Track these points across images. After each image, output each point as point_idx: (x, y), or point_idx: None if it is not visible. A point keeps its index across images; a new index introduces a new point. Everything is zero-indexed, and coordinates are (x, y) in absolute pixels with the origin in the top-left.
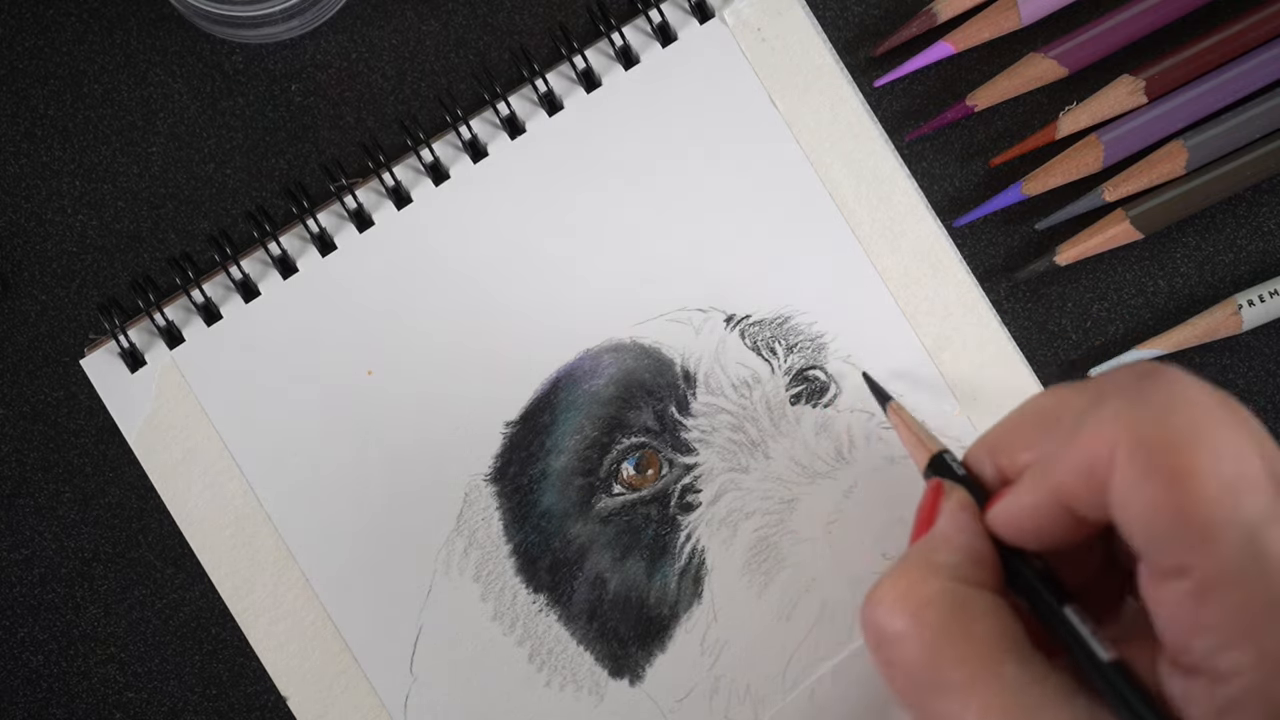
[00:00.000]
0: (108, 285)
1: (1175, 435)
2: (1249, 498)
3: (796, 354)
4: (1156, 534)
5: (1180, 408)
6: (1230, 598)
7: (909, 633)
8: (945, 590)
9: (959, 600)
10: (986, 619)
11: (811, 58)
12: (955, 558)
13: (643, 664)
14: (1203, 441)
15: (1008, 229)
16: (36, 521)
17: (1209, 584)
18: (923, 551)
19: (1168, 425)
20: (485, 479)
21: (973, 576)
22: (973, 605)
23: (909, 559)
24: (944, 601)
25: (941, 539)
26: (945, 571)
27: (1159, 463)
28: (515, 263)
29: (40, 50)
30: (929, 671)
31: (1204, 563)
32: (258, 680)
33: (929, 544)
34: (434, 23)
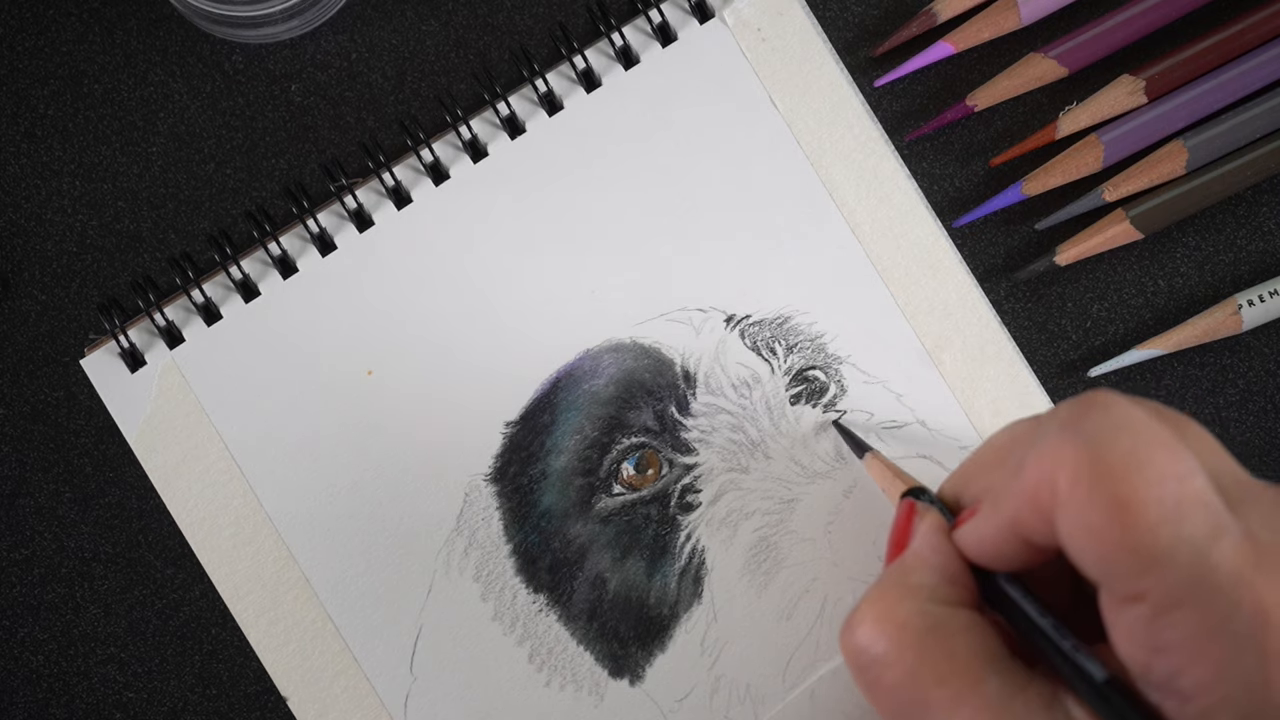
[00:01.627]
0: (108, 285)
1: (1112, 463)
2: (1192, 517)
3: (796, 354)
4: (1106, 563)
5: (1117, 435)
6: (1185, 619)
7: (889, 655)
8: (922, 611)
9: (936, 620)
10: (965, 636)
11: (811, 58)
12: (931, 578)
13: (643, 664)
14: (1141, 467)
15: (1008, 229)
16: (36, 521)
17: (1163, 607)
18: (898, 573)
19: (1104, 454)
20: (485, 479)
21: (949, 596)
22: (950, 624)
23: (884, 582)
24: (921, 622)
25: (916, 560)
26: (921, 592)
27: (1099, 493)
28: (515, 263)
29: (40, 50)
30: (912, 692)
31: (1155, 587)
32: (258, 680)
33: (904, 566)
34: (434, 23)
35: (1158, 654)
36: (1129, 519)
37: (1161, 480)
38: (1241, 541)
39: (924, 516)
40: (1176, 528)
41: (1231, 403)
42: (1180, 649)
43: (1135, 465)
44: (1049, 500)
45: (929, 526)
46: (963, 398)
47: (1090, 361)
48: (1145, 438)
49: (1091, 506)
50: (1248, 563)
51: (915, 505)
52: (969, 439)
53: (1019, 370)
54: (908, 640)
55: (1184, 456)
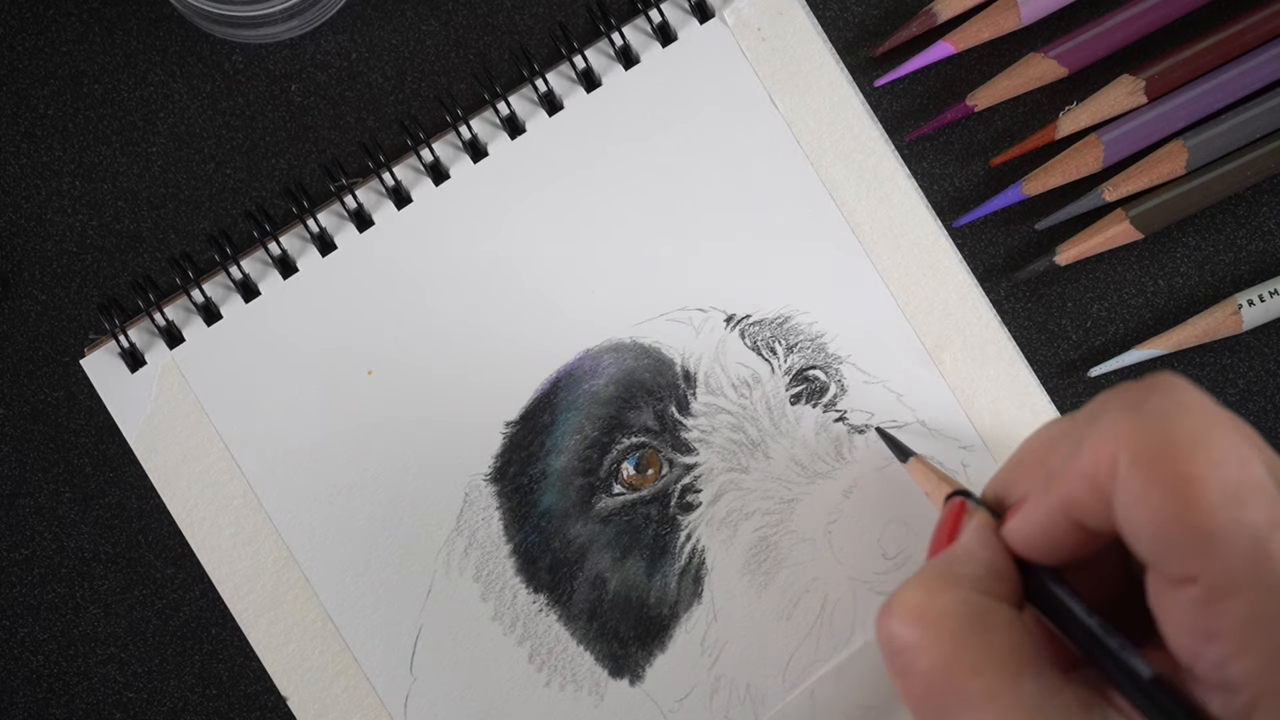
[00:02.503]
0: (108, 285)
1: (1176, 442)
2: (1253, 503)
3: (796, 354)
4: (1161, 542)
5: (1181, 415)
6: (1239, 605)
7: (925, 642)
8: (964, 600)
9: (979, 612)
10: (1005, 631)
11: (811, 58)
12: (977, 570)
13: (643, 664)
14: (1205, 448)
15: (1008, 229)
16: (36, 521)
17: (1216, 592)
18: (943, 563)
19: (1169, 433)
20: (485, 479)
21: (993, 589)
22: (992, 617)
23: (928, 570)
24: (963, 611)
25: (964, 552)
26: (965, 582)
27: (1161, 470)
28: (515, 263)
29: (40, 50)
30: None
31: (1210, 570)
32: (258, 680)
33: (950, 556)
34: (434, 23)
35: (1207, 640)
36: (1190, 498)
37: (1224, 462)
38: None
39: (973, 514)
40: (1237, 511)
41: (1231, 403)
42: (1231, 636)
43: (1199, 445)
44: (1107, 478)
45: (978, 523)
46: (963, 398)
47: (1090, 361)
48: (1209, 420)
49: (1152, 484)
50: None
51: (965, 503)
52: (969, 439)
53: (1019, 370)
54: (947, 628)
55: (1245, 442)
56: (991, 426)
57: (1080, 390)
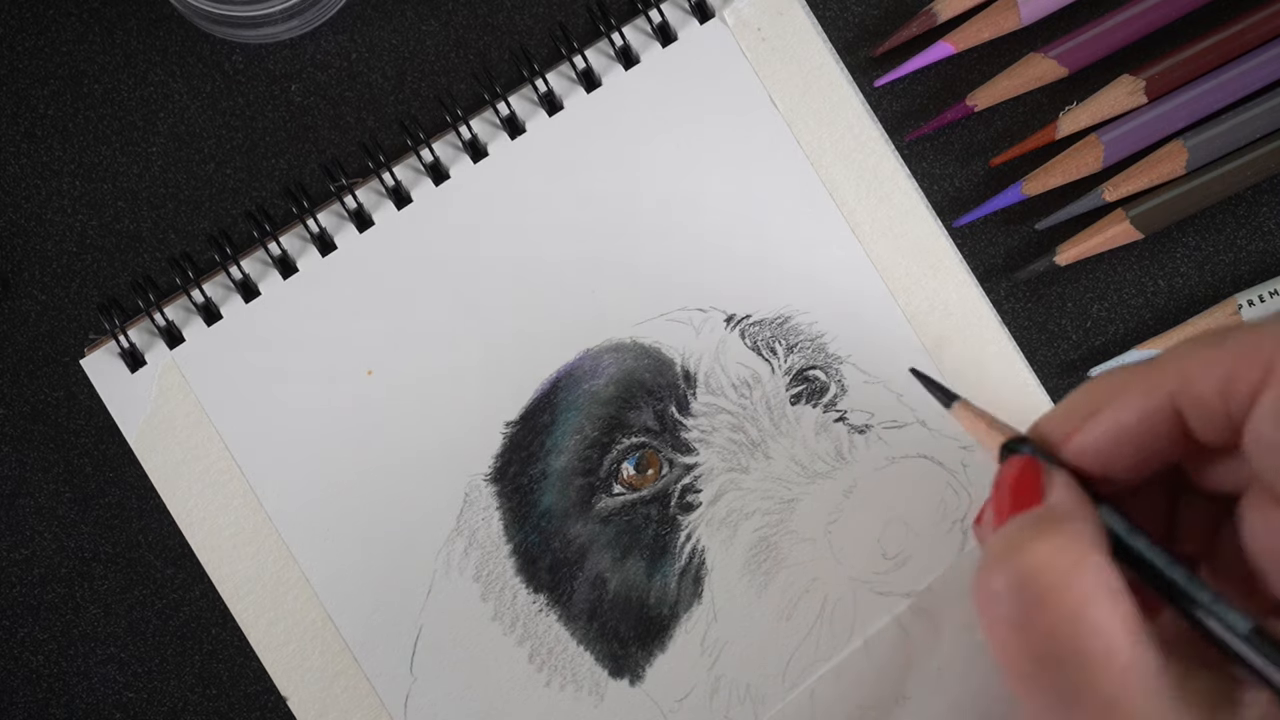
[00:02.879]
0: (108, 285)
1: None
2: None
3: (796, 354)
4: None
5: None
6: None
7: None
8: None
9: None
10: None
11: (811, 58)
12: (1092, 530)
13: (643, 664)
14: None
15: (1008, 229)
16: (36, 521)
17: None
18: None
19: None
20: (485, 479)
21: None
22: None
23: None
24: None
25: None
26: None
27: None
28: (515, 263)
29: (40, 50)
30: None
31: None
32: (258, 680)
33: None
34: (434, 23)
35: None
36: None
37: None
38: None
39: (1055, 476)
40: None
41: None
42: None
43: None
44: (1248, 387)
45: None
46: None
47: (1090, 361)
48: None
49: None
50: None
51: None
52: (969, 439)
53: (1019, 370)
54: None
55: None
56: None
57: None
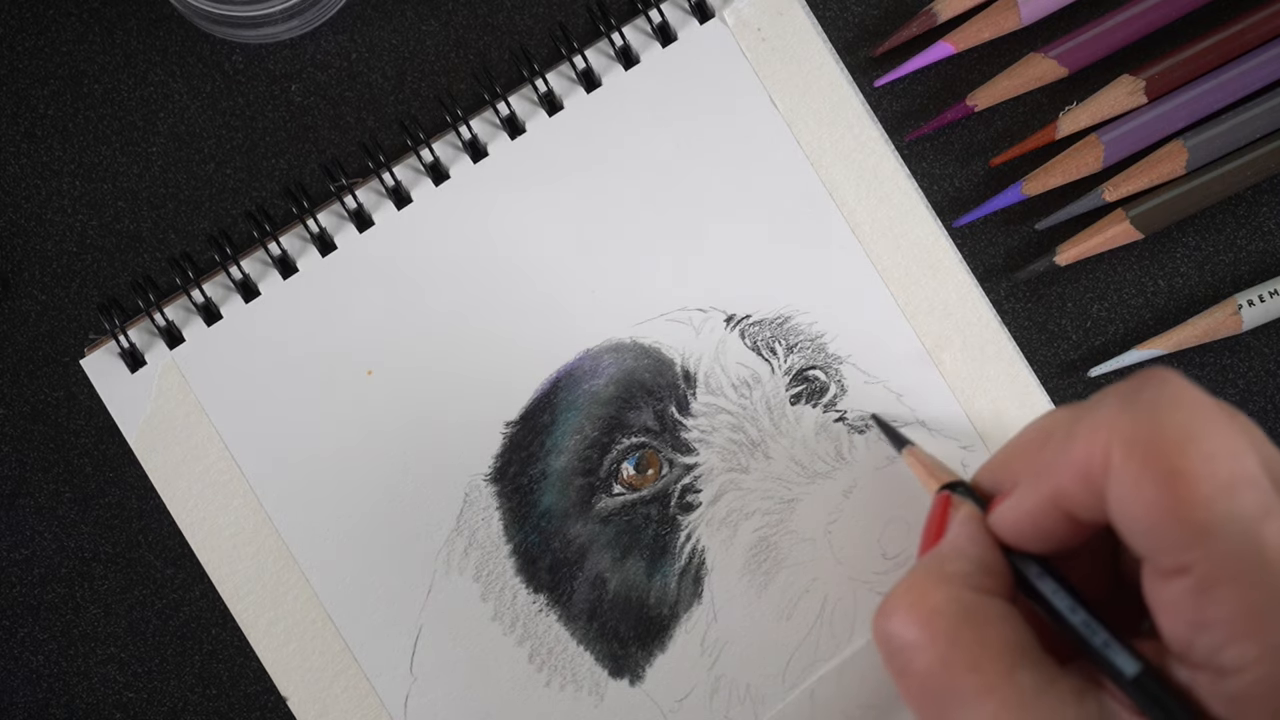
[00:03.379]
0: (108, 285)
1: (1168, 436)
2: (1244, 494)
3: (796, 354)
4: (1155, 534)
5: (1173, 408)
6: (1231, 594)
7: (921, 641)
8: (956, 598)
9: (970, 607)
10: (998, 625)
11: (811, 58)
12: (966, 566)
13: (643, 664)
14: (1196, 441)
15: (1008, 229)
16: (36, 521)
17: (1209, 581)
18: (933, 561)
19: (1161, 426)
20: (485, 479)
21: (984, 584)
22: (984, 612)
23: (919, 569)
24: (955, 609)
25: (952, 549)
26: (956, 580)
27: (1153, 463)
28: (515, 263)
29: (40, 50)
30: (942, 680)
31: (1203, 561)
32: (258, 680)
33: (939, 554)
34: (434, 23)
35: (1200, 630)
36: (1182, 491)
37: (1215, 455)
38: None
39: (959, 507)
40: (1228, 503)
41: (1231, 402)
42: (1224, 625)
43: (1191, 439)
44: (1100, 470)
45: (965, 516)
46: (963, 398)
47: (1090, 361)
48: (1201, 414)
49: (1145, 477)
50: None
51: (951, 497)
52: (969, 439)
53: (1019, 370)
54: (941, 626)
55: (1238, 435)
56: (992, 427)
57: (1080, 390)
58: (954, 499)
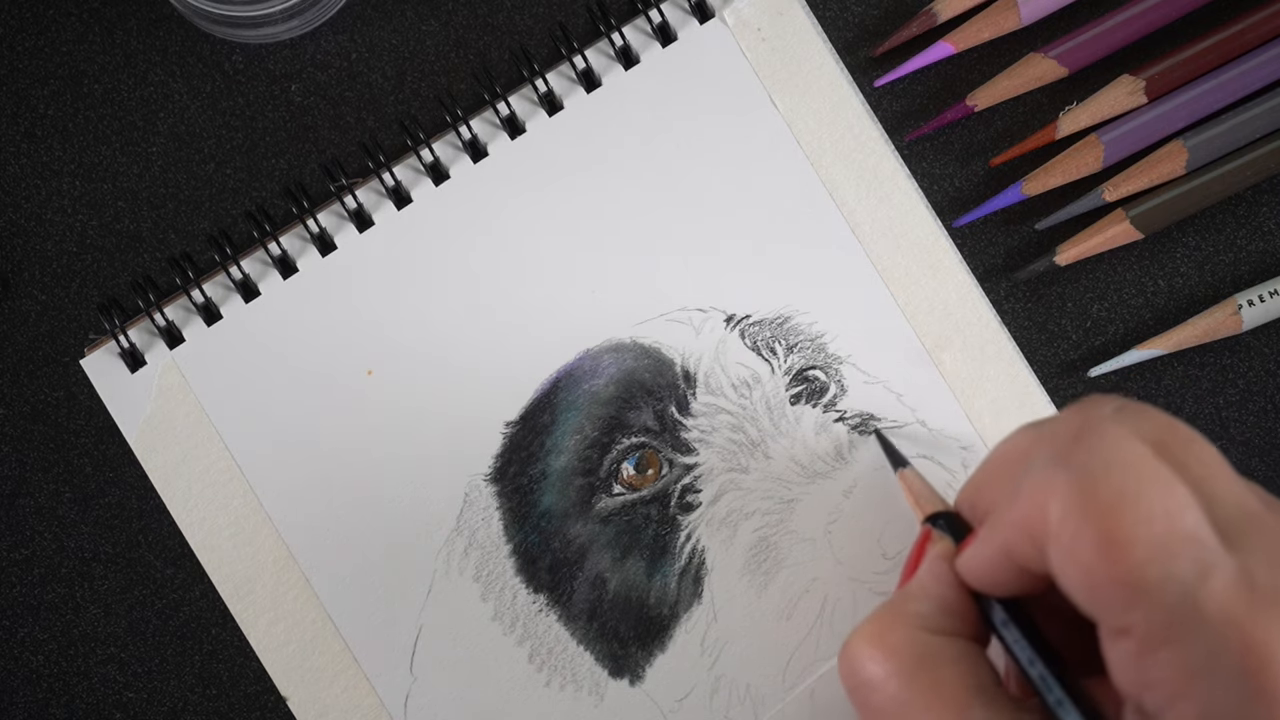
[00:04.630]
0: (108, 285)
1: (1103, 498)
2: (1180, 556)
3: (796, 354)
4: (1094, 597)
5: (1108, 469)
6: (1170, 656)
7: (877, 679)
8: (913, 639)
9: (927, 649)
10: (954, 667)
11: (811, 58)
12: (927, 607)
13: (643, 664)
14: (1131, 503)
15: (1008, 229)
16: (36, 521)
17: (1149, 644)
18: (899, 600)
19: (1096, 488)
20: (485, 479)
21: (943, 625)
22: (941, 654)
23: (885, 607)
24: (911, 650)
25: (918, 588)
26: (915, 620)
27: (1088, 527)
28: (515, 263)
29: (40, 50)
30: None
31: (1141, 623)
32: (258, 680)
33: (906, 593)
34: (434, 23)
35: (1146, 689)
36: (1116, 555)
37: (1151, 518)
38: (1234, 580)
39: (935, 544)
40: (1164, 566)
41: (1231, 403)
42: (1166, 685)
43: (1125, 501)
44: (1041, 530)
45: (936, 554)
46: (963, 398)
47: (1090, 361)
48: (1137, 472)
49: (1080, 541)
50: (1239, 602)
51: (931, 532)
52: (969, 439)
53: (1019, 370)
54: (896, 667)
55: (1177, 492)
56: (991, 426)
57: (1080, 390)
58: (934, 534)
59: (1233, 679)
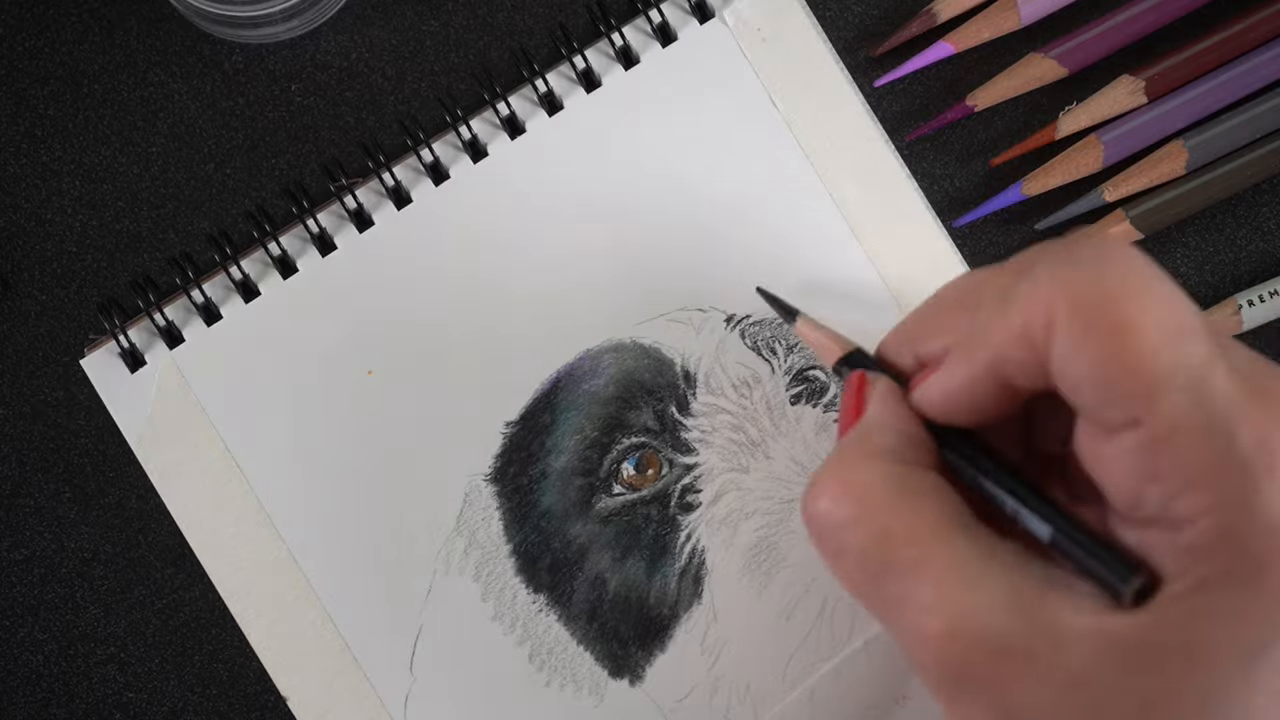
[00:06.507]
0: (108, 285)
1: (1113, 290)
2: (1192, 344)
3: (797, 354)
4: (1103, 391)
5: (1114, 264)
6: (1183, 443)
7: (856, 518)
8: (888, 472)
9: (902, 480)
10: (932, 495)
11: (811, 58)
12: (892, 440)
13: (643, 664)
14: (1141, 294)
15: (1008, 229)
16: (36, 521)
17: (1161, 432)
18: (857, 439)
19: (1104, 282)
20: (485, 479)
21: (911, 457)
22: (916, 484)
23: (844, 448)
24: (887, 483)
25: (875, 424)
26: (884, 454)
27: (1100, 319)
28: (515, 263)
29: (40, 50)
30: (880, 554)
31: (1154, 412)
32: (258, 680)
33: (863, 431)
34: (434, 23)
35: (1152, 481)
36: (1130, 342)
37: (1160, 307)
38: (1232, 371)
39: (876, 383)
40: (1177, 352)
41: None
42: (1177, 474)
43: (1135, 291)
44: (1043, 332)
45: (884, 390)
46: None
47: None
48: (1140, 267)
49: (1092, 332)
50: (1240, 390)
51: (866, 375)
52: None
53: None
54: (874, 502)
55: (1176, 288)
56: None
57: None
58: (869, 376)
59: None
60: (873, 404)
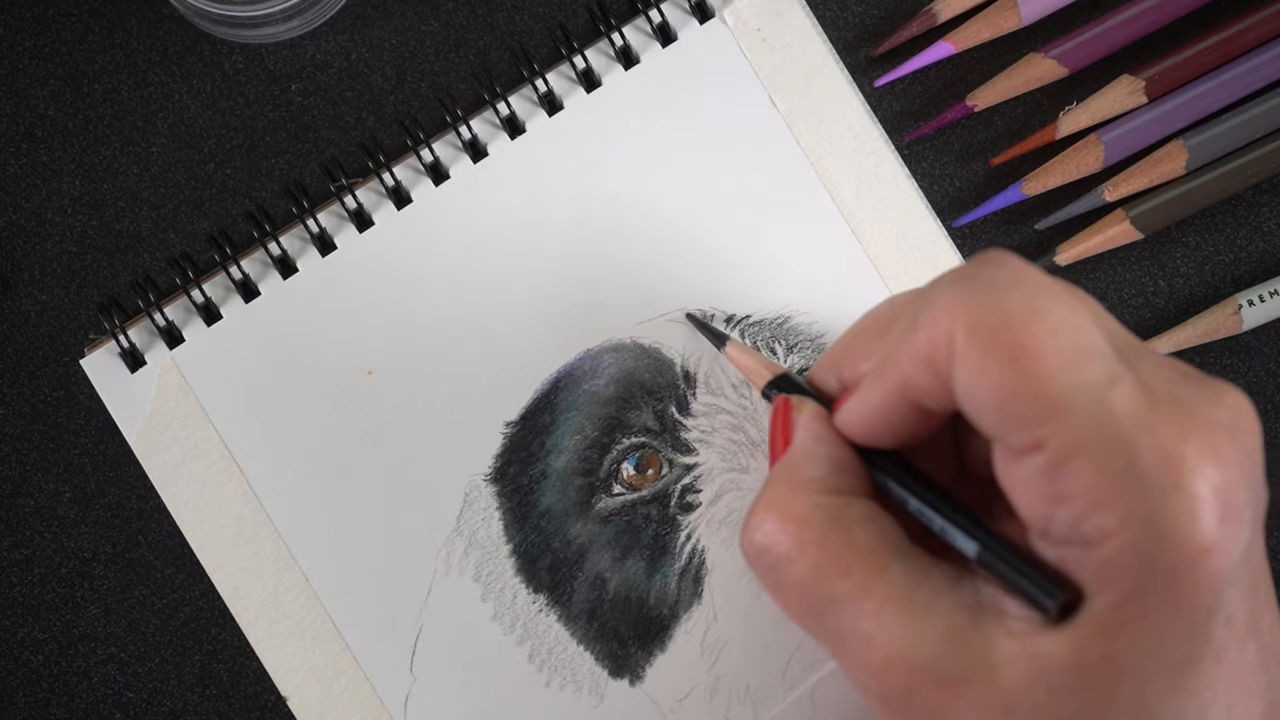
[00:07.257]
0: (108, 285)
1: (1010, 314)
2: (1090, 364)
3: (796, 354)
4: (1004, 414)
5: (1013, 286)
6: (1086, 464)
7: (792, 552)
8: (817, 504)
9: (833, 512)
10: (864, 525)
11: (811, 58)
12: (820, 470)
13: (643, 664)
14: (1038, 316)
15: (1008, 229)
16: (36, 521)
17: (1063, 454)
18: (786, 470)
19: (1002, 305)
20: (485, 479)
21: (841, 485)
22: (847, 513)
23: (775, 481)
24: (819, 516)
25: (802, 454)
26: (814, 485)
27: (997, 342)
28: (515, 263)
29: (40, 50)
30: (817, 587)
31: (1056, 434)
32: (258, 680)
33: (791, 462)
34: (434, 23)
35: (1059, 504)
36: (1028, 366)
37: (1059, 329)
38: (1137, 387)
39: (801, 408)
40: (1075, 374)
41: None
42: (1082, 496)
43: (1033, 315)
44: (945, 356)
45: (809, 416)
46: None
47: None
48: (1040, 290)
49: (990, 357)
50: (1145, 406)
51: (790, 400)
52: None
53: None
54: (808, 535)
55: (1079, 309)
56: None
57: None
58: (794, 400)
59: (1151, 480)
60: (799, 431)
